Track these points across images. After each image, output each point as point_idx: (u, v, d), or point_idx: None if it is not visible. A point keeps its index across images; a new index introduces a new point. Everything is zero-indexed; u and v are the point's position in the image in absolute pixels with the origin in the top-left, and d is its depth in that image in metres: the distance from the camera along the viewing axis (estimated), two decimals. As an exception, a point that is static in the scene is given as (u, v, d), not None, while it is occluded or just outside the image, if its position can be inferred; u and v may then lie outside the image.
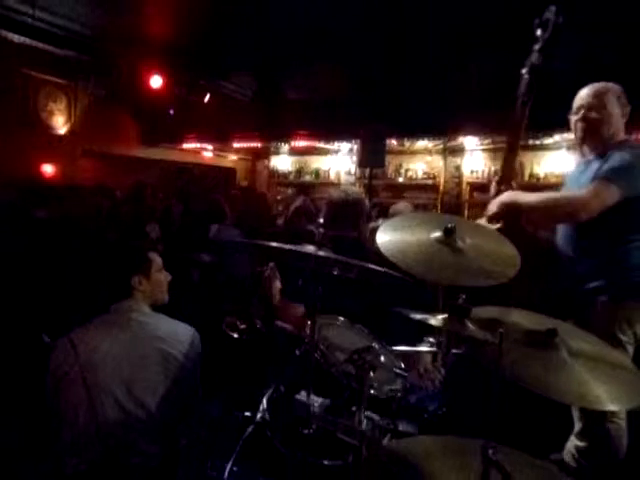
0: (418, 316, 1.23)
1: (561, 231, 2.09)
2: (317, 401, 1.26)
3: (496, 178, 2.13)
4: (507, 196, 1.94)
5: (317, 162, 8.52)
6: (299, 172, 8.66)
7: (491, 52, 4.77)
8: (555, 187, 2.18)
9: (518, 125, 1.98)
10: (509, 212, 1.89)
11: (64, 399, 1.42)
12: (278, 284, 2.07)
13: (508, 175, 2.06)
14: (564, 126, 2.36)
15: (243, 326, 2.08)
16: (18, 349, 2.11)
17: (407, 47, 4.93)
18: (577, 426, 2.10)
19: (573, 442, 2.12)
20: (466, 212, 6.97)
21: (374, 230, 2.71)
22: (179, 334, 1.59)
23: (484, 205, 2.11)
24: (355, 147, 7.39)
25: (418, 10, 4.18)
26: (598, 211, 1.75)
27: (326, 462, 1.22)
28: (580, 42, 4.29)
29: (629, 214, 1.84)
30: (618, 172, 1.79)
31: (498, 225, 1.89)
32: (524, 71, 1.92)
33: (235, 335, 2.05)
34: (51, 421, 1.45)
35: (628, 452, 1.97)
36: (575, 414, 2.10)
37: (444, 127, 6.05)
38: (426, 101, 5.60)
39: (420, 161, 7.52)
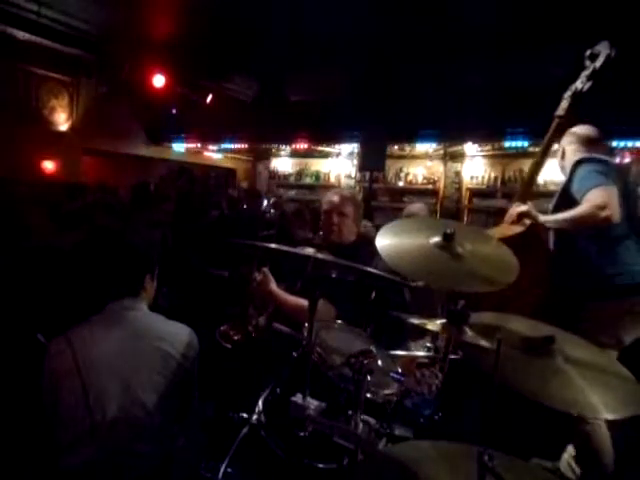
0: (416, 321, 1.23)
1: (556, 235, 2.15)
2: (313, 404, 1.26)
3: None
4: (527, 209, 2.05)
5: (317, 164, 8.53)
6: (299, 174, 8.67)
7: (494, 57, 4.79)
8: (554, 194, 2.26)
9: (550, 143, 2.11)
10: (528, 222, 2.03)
11: (61, 398, 1.41)
12: (274, 286, 2.06)
13: (531, 186, 2.20)
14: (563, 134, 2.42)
15: (237, 337, 2.08)
16: (13, 349, 2.10)
17: (409, 51, 4.95)
18: None
19: (571, 451, 2.14)
20: (465, 218, 6.98)
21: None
22: (177, 334, 1.58)
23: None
24: (356, 150, 7.41)
25: (420, 14, 4.20)
26: (615, 210, 1.84)
27: (321, 465, 1.22)
28: (576, 50, 4.32)
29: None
30: (595, 175, 1.93)
31: (521, 229, 2.00)
32: (567, 95, 2.03)
33: (228, 346, 2.05)
34: (47, 420, 1.44)
35: (628, 461, 1.98)
36: None
37: (445, 132, 6.07)
38: (427, 106, 5.62)
39: (420, 166, 7.54)
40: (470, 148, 6.80)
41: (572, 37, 4.13)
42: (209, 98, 6.61)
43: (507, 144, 6.05)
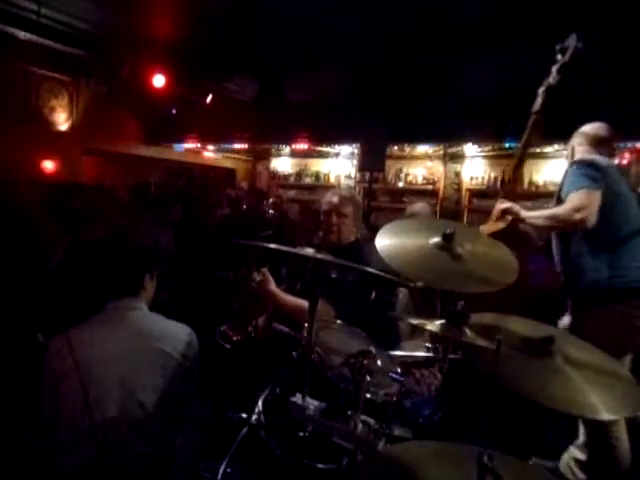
0: (415, 321, 1.23)
1: (559, 239, 2.17)
2: (313, 404, 1.26)
3: (502, 188, 2.34)
4: (510, 205, 2.08)
5: (317, 165, 8.53)
6: (299, 174, 8.67)
7: (493, 58, 4.79)
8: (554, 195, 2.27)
9: (529, 139, 2.11)
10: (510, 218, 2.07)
11: (60, 398, 1.41)
12: (273, 287, 2.06)
13: (515, 183, 2.24)
14: (563, 135, 2.42)
15: (237, 337, 2.08)
16: (13, 349, 2.10)
17: (409, 51, 4.95)
18: (581, 438, 2.10)
19: (572, 453, 2.12)
20: (465, 218, 6.98)
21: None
22: (177, 333, 1.58)
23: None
24: (355, 151, 7.41)
25: (419, 14, 4.20)
26: (592, 214, 1.88)
27: (320, 465, 1.22)
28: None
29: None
30: (582, 179, 1.97)
31: (503, 225, 2.04)
32: (541, 90, 2.04)
33: (228, 346, 2.05)
34: (47, 420, 1.44)
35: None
36: (581, 426, 2.10)
37: (445, 133, 6.07)
38: (427, 106, 5.62)
39: (420, 166, 7.54)
40: (470, 149, 6.80)
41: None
42: (209, 98, 6.61)
43: (507, 144, 6.06)
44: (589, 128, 2.21)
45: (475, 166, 7.09)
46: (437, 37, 4.52)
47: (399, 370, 1.41)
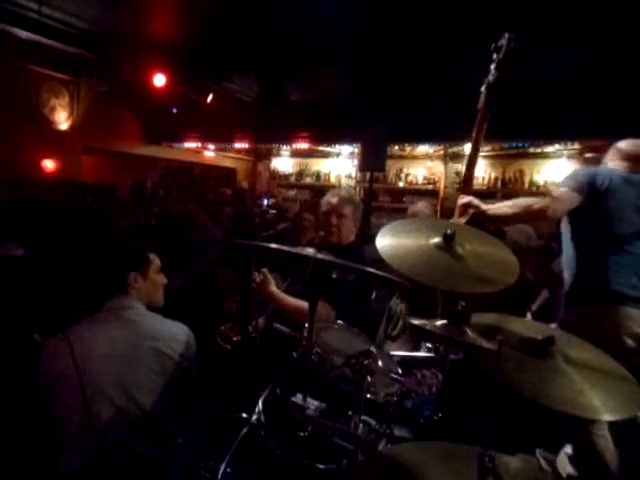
0: (417, 322, 1.23)
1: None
2: (313, 404, 1.26)
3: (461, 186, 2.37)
4: (469, 199, 2.13)
5: (318, 164, 8.54)
6: (300, 174, 8.67)
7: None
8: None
9: (477, 138, 2.20)
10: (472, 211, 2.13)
11: (58, 398, 1.41)
12: (273, 288, 2.06)
13: (470, 182, 2.28)
14: (564, 135, 2.43)
15: (236, 337, 2.08)
16: (9, 349, 2.09)
17: (409, 51, 4.95)
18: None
19: (567, 451, 2.14)
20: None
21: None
22: (174, 333, 1.58)
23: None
24: (356, 150, 7.41)
25: (419, 14, 4.20)
26: (558, 210, 2.06)
27: (321, 465, 1.22)
28: (578, 52, 4.32)
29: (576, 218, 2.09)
30: (565, 179, 2.14)
31: (464, 220, 2.09)
32: (482, 88, 2.12)
33: (228, 347, 2.05)
34: (46, 420, 1.44)
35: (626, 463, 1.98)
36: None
37: (445, 133, 6.07)
38: (427, 106, 5.62)
39: (421, 166, 7.54)
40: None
41: (572, 37, 4.14)
42: (209, 98, 6.61)
43: (507, 144, 6.07)
44: (623, 144, 2.23)
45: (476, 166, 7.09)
46: (437, 37, 4.52)
47: (400, 370, 1.41)
